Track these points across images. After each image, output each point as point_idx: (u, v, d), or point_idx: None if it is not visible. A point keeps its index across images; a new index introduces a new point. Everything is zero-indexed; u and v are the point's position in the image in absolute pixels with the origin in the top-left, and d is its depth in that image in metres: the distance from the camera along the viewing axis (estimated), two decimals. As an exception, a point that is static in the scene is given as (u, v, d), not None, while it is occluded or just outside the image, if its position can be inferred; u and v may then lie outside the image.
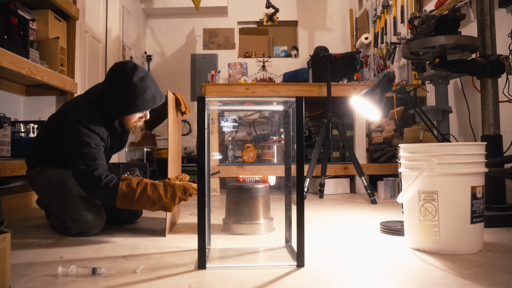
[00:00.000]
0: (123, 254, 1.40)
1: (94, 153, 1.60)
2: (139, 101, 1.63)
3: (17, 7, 2.68)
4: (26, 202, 2.59)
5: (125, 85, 1.61)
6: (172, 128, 1.81)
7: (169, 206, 1.57)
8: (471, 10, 2.56)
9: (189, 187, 1.59)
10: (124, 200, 1.56)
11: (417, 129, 3.05)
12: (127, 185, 1.57)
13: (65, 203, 1.69)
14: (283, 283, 1.08)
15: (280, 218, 1.99)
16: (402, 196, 1.47)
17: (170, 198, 1.57)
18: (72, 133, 1.62)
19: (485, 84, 2.04)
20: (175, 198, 1.57)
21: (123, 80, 1.61)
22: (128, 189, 1.56)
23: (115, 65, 1.67)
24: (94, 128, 1.63)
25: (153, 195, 1.56)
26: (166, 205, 1.57)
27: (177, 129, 2.02)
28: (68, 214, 1.67)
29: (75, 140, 1.61)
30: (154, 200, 1.56)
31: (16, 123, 2.76)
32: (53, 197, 1.72)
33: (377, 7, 4.52)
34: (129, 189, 1.56)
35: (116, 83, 1.63)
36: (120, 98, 1.63)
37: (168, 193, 1.57)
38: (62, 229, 1.74)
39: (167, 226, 1.71)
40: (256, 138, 3.71)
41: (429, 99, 3.37)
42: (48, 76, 2.75)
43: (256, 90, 3.32)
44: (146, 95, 1.64)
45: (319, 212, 2.32)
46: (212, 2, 5.76)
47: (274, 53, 6.16)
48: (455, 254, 1.35)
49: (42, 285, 1.08)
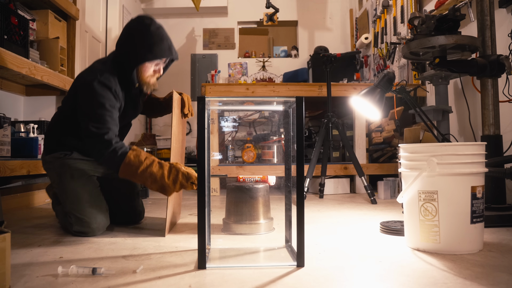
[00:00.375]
0: (123, 254, 1.40)
1: (107, 116, 1.61)
2: (157, 48, 1.67)
3: (17, 7, 2.68)
4: (26, 202, 2.59)
5: (143, 33, 1.66)
6: (176, 128, 1.81)
7: (169, 188, 1.58)
8: (471, 10, 2.56)
9: (193, 176, 1.59)
10: (128, 169, 1.57)
11: (417, 129, 3.05)
12: (135, 155, 1.58)
13: (73, 199, 1.69)
14: (283, 283, 1.08)
15: (280, 218, 1.99)
16: (402, 196, 1.47)
17: (172, 180, 1.57)
18: (86, 93, 1.63)
19: (485, 84, 2.04)
20: (176, 182, 1.57)
21: (141, 28, 1.66)
22: (135, 159, 1.57)
23: (131, 19, 1.73)
24: (109, 84, 1.64)
25: (157, 173, 1.57)
26: (166, 187, 1.58)
27: (181, 130, 2.02)
28: (74, 210, 1.68)
29: (89, 100, 1.62)
30: (156, 179, 1.57)
31: (16, 123, 2.76)
32: (63, 189, 1.72)
33: (377, 7, 4.52)
34: (137, 160, 1.57)
35: (134, 32, 1.68)
36: (138, 46, 1.67)
37: (171, 175, 1.57)
38: (65, 223, 1.75)
39: (167, 226, 1.71)
40: (256, 138, 3.71)
41: (429, 99, 3.37)
42: (48, 76, 2.75)
43: (256, 90, 3.32)
44: (163, 44, 1.68)
45: (319, 212, 2.32)
46: (212, 2, 5.76)
47: (274, 53, 6.16)
48: (455, 254, 1.35)
49: (42, 285, 1.08)
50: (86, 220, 1.66)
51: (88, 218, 1.66)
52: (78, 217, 1.67)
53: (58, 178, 1.74)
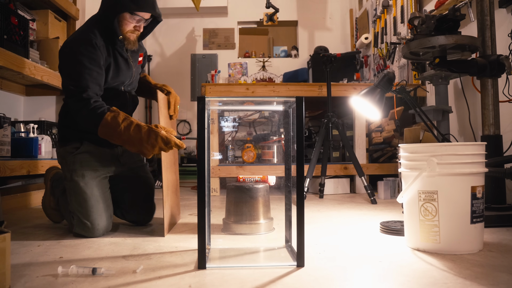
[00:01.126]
0: (123, 254, 1.40)
1: (85, 73, 1.60)
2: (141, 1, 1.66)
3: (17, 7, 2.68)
4: (26, 202, 2.59)
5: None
6: None
7: (147, 152, 1.57)
8: (471, 10, 2.55)
9: (172, 140, 1.57)
10: (106, 130, 1.57)
11: (417, 129, 3.05)
12: (113, 117, 1.57)
13: (80, 201, 1.68)
14: (283, 283, 1.08)
15: (280, 218, 1.99)
16: (402, 196, 1.47)
17: (150, 145, 1.55)
18: (64, 54, 1.65)
19: (485, 84, 2.04)
20: (155, 146, 1.56)
21: None
22: (112, 121, 1.56)
23: None
24: (87, 37, 1.63)
25: (135, 136, 1.55)
26: (145, 151, 1.57)
27: None
28: (79, 213, 1.67)
29: (67, 59, 1.64)
30: (134, 142, 1.56)
31: (16, 123, 2.76)
32: (72, 188, 1.71)
33: (377, 7, 4.52)
34: (114, 122, 1.56)
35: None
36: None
37: (150, 139, 1.55)
38: (68, 218, 1.77)
39: (166, 226, 1.71)
40: (256, 138, 3.71)
41: (429, 99, 3.37)
42: (48, 76, 2.75)
43: (256, 90, 3.32)
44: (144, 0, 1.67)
45: (319, 212, 2.32)
46: (212, 2, 5.76)
47: (274, 53, 6.16)
48: (455, 254, 1.35)
49: (42, 285, 1.08)
50: (88, 225, 1.66)
51: (91, 224, 1.66)
52: (81, 220, 1.66)
53: (69, 175, 1.73)
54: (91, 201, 1.69)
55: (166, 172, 1.77)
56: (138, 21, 1.73)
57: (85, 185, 1.70)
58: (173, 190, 1.92)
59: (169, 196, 1.79)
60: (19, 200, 2.53)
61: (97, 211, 1.68)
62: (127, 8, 1.66)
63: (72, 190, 1.72)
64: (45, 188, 2.04)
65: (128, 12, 1.68)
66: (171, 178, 1.90)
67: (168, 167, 1.84)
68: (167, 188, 1.76)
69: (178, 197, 2.09)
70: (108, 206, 1.75)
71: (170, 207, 1.82)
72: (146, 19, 1.75)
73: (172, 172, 1.93)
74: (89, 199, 1.68)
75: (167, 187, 1.76)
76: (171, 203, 1.85)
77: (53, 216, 1.99)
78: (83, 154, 1.75)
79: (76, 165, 1.73)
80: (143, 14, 1.71)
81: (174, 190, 1.96)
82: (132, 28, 1.73)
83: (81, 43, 1.63)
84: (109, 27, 1.69)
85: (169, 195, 1.79)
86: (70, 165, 1.74)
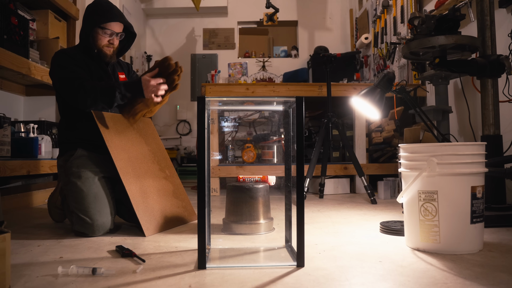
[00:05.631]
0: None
1: (73, 69, 1.77)
2: (107, 13, 1.82)
3: (17, 7, 2.68)
4: (26, 202, 2.59)
5: (95, 4, 1.85)
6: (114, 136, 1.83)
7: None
8: (471, 10, 2.56)
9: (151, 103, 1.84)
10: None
11: (417, 129, 3.05)
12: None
13: (77, 198, 1.71)
14: (283, 283, 1.08)
15: (280, 218, 1.99)
16: (402, 196, 1.47)
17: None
18: (52, 67, 1.82)
19: (485, 84, 2.04)
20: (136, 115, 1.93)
21: (93, 4, 1.86)
22: None
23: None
24: (68, 52, 1.84)
25: None
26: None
27: (148, 132, 2.09)
28: (77, 209, 1.69)
29: (55, 68, 1.80)
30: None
31: (16, 123, 2.76)
32: (70, 188, 1.74)
33: (377, 7, 4.52)
34: None
35: (87, 8, 1.87)
36: (90, 14, 1.84)
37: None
38: (70, 218, 1.82)
39: (144, 227, 1.71)
40: (256, 138, 3.70)
41: (429, 99, 3.37)
42: (48, 76, 2.75)
43: (256, 90, 3.32)
44: (113, 11, 1.84)
45: (319, 212, 2.32)
46: (212, 2, 5.76)
47: (274, 53, 6.17)
48: (455, 254, 1.35)
49: (42, 285, 1.08)
50: (88, 222, 1.66)
51: (90, 220, 1.67)
52: (80, 217, 1.67)
53: (67, 178, 1.77)
54: (88, 197, 1.70)
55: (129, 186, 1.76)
56: (110, 35, 1.85)
57: (82, 184, 1.72)
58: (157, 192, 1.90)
59: (148, 198, 1.81)
60: (19, 200, 2.53)
61: (96, 207, 1.69)
62: (96, 22, 1.81)
63: (70, 190, 1.74)
64: (56, 186, 2.08)
65: (98, 27, 1.82)
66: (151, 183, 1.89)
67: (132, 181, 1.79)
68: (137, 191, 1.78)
69: (177, 197, 2.06)
70: (108, 203, 1.75)
71: (151, 207, 1.81)
72: (117, 33, 1.87)
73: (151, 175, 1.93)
74: (87, 196, 1.70)
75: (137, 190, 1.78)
76: (160, 205, 1.86)
77: (55, 215, 2.00)
78: (79, 158, 1.80)
79: (73, 168, 1.77)
80: (112, 26, 1.84)
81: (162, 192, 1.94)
82: (106, 42, 1.86)
83: (62, 56, 1.83)
84: (85, 44, 1.86)
85: (155, 196, 1.85)
86: (68, 170, 1.78)
